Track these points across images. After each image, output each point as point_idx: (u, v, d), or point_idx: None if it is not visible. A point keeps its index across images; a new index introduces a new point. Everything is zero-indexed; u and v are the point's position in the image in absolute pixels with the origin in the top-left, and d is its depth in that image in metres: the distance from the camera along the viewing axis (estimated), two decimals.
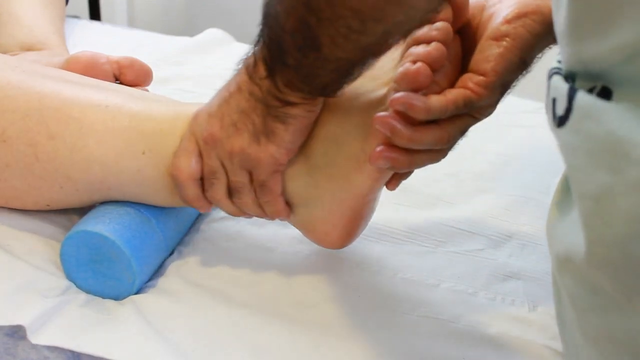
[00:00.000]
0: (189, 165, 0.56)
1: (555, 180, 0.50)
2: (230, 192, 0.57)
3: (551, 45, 0.52)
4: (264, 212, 0.58)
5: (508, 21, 0.51)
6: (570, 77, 0.42)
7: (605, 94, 0.38)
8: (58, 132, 0.58)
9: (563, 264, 0.42)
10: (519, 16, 0.51)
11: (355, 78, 0.50)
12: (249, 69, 0.52)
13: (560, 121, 0.40)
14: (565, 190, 0.46)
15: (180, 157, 0.57)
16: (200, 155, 0.56)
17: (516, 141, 0.86)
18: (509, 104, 0.55)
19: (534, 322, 0.58)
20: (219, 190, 0.57)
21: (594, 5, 0.37)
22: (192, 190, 0.57)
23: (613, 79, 0.38)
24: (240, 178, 0.56)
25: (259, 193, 0.57)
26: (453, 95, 0.50)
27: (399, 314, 0.59)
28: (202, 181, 0.57)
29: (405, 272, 0.63)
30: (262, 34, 0.49)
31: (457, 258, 0.66)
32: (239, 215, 0.60)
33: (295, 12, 0.45)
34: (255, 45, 0.51)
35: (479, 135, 0.56)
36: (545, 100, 0.43)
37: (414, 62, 0.49)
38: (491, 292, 0.62)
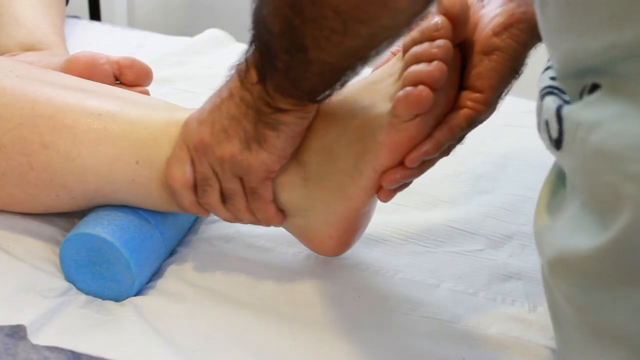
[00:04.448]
0: (183, 173, 0.56)
1: None
2: (224, 199, 0.57)
3: (536, 45, 0.53)
4: (257, 219, 0.58)
5: (496, 34, 0.51)
6: (560, 89, 0.42)
7: (594, 90, 0.38)
8: (52, 141, 0.58)
9: (555, 266, 0.42)
10: (506, 26, 0.51)
11: (344, 84, 0.49)
12: (241, 74, 0.51)
13: (557, 144, 0.40)
14: (555, 192, 0.46)
15: (173, 166, 0.57)
16: (193, 162, 0.56)
17: (516, 141, 0.86)
18: (509, 104, 0.55)
19: (534, 322, 0.58)
20: (212, 196, 0.57)
21: (596, 1, 0.36)
22: (187, 197, 0.57)
23: (605, 74, 0.37)
24: (231, 185, 0.55)
25: (250, 199, 0.56)
26: (455, 120, 0.51)
27: (399, 314, 0.59)
28: (196, 188, 0.57)
29: (405, 272, 0.63)
30: (253, 39, 0.49)
31: (457, 258, 0.66)
32: (234, 222, 0.60)
33: (281, 14, 0.44)
34: (246, 51, 0.51)
35: (478, 136, 0.56)
36: (539, 121, 0.43)
37: (415, 84, 0.49)
38: (491, 293, 0.62)
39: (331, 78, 0.48)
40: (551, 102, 0.41)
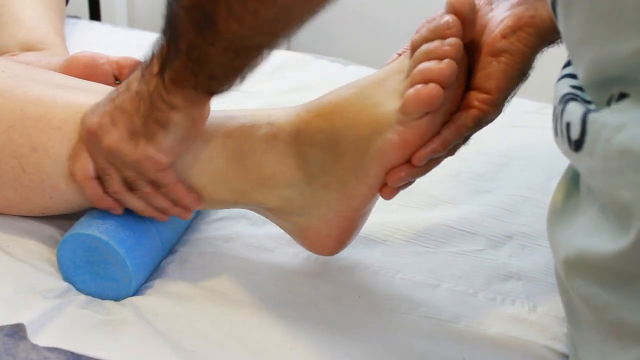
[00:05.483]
0: (82, 166, 0.56)
1: (555, 181, 0.50)
2: (129, 186, 0.56)
3: (543, 49, 0.53)
4: (171, 201, 0.57)
5: (504, 36, 0.51)
6: (583, 98, 0.42)
7: (622, 99, 0.39)
8: (41, 144, 0.57)
9: (573, 267, 0.41)
10: (514, 29, 0.51)
11: (244, 77, 0.49)
12: (145, 65, 0.51)
13: (577, 145, 0.40)
14: (569, 194, 0.46)
15: (72, 160, 0.57)
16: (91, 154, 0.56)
17: (516, 141, 0.86)
18: (510, 104, 0.55)
19: (534, 322, 0.58)
20: (114, 184, 0.56)
21: (622, 6, 0.37)
22: (92, 189, 0.57)
23: (631, 82, 0.38)
24: (129, 172, 0.55)
25: (157, 184, 0.56)
26: (462, 119, 0.52)
27: (399, 314, 0.59)
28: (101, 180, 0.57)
29: (405, 273, 0.63)
30: (162, 25, 0.49)
31: (457, 258, 0.66)
32: (150, 213, 0.58)
33: None
34: (155, 43, 0.51)
35: (479, 136, 0.56)
36: (557, 125, 0.43)
37: (426, 81, 0.49)
38: (491, 293, 0.62)
39: (234, 60, 0.47)
40: (576, 107, 0.41)
